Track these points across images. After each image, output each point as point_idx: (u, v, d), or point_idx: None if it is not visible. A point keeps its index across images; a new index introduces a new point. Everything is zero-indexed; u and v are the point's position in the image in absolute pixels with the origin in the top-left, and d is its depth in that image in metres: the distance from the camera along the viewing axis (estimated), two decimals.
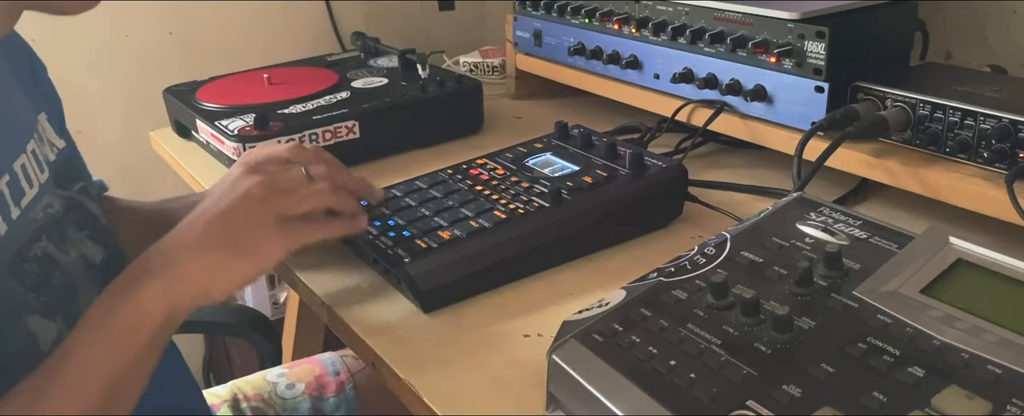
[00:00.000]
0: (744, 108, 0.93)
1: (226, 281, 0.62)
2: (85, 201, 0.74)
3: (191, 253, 0.61)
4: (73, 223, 0.71)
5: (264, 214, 0.63)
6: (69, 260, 0.68)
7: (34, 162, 0.67)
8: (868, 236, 0.61)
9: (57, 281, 0.66)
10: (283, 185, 0.66)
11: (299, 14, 1.58)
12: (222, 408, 0.98)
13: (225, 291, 0.62)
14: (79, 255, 0.70)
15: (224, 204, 0.63)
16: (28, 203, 0.64)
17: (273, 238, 0.63)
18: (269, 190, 0.65)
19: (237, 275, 0.62)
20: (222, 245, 0.61)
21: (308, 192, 0.67)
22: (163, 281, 0.59)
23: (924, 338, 0.50)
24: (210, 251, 0.61)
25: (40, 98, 0.75)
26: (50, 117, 0.74)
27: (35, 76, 0.77)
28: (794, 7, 0.86)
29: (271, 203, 0.64)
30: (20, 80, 0.72)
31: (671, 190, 0.83)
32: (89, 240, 0.71)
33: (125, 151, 1.49)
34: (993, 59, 0.98)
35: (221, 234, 0.62)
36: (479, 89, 1.12)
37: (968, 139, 0.77)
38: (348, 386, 1.03)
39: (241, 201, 0.63)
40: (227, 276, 0.62)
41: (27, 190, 0.65)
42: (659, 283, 0.59)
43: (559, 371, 0.54)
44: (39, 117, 0.72)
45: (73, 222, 0.71)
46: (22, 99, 0.70)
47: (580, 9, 1.09)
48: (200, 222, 0.63)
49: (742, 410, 0.47)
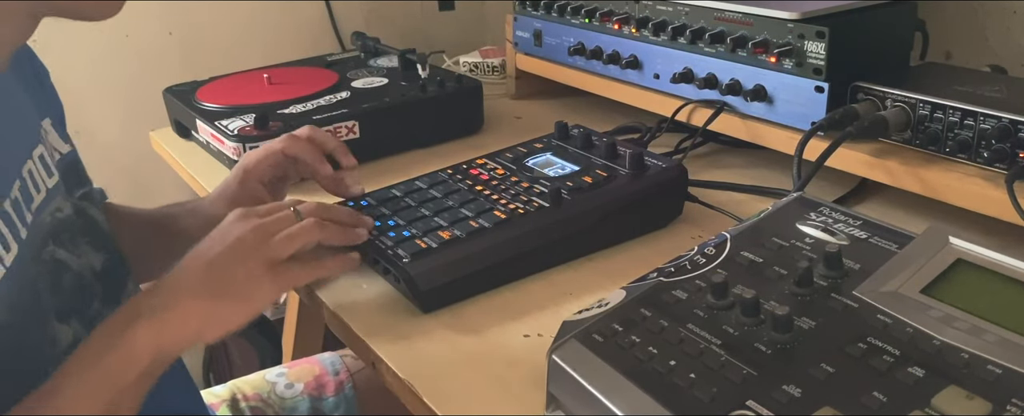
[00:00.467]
0: (744, 108, 0.93)
1: (218, 326, 0.63)
2: (87, 207, 0.75)
3: (184, 299, 0.62)
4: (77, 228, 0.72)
5: (255, 260, 0.65)
6: (81, 264, 0.69)
7: (41, 167, 0.67)
8: (868, 236, 0.61)
9: (68, 284, 0.67)
10: (272, 229, 0.67)
11: (299, 14, 1.58)
12: (221, 408, 0.98)
13: (217, 335, 0.64)
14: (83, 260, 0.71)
15: (217, 251, 0.65)
16: (37, 207, 0.65)
17: (264, 284, 0.65)
18: (259, 235, 0.66)
19: (229, 321, 0.64)
20: (215, 292, 0.63)
21: (296, 231, 0.68)
22: (155, 325, 0.61)
23: (924, 338, 0.50)
24: (203, 298, 0.63)
25: (44, 104, 0.76)
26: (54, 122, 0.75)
27: (39, 81, 0.78)
28: (794, 7, 0.86)
29: (262, 249, 0.65)
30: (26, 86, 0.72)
31: (671, 190, 0.83)
32: (89, 247, 0.72)
33: (125, 151, 1.49)
34: (993, 59, 0.98)
35: (214, 281, 0.63)
36: (479, 89, 1.12)
37: (968, 139, 0.77)
38: (347, 386, 1.03)
39: (233, 248, 0.65)
40: (219, 322, 0.63)
41: (35, 195, 0.65)
42: (659, 283, 0.59)
43: (559, 371, 0.54)
44: (43, 123, 0.72)
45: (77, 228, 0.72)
46: (28, 105, 0.71)
47: (580, 9, 1.09)
48: (194, 268, 0.64)
49: (742, 410, 0.47)
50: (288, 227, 0.68)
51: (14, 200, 0.61)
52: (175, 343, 0.62)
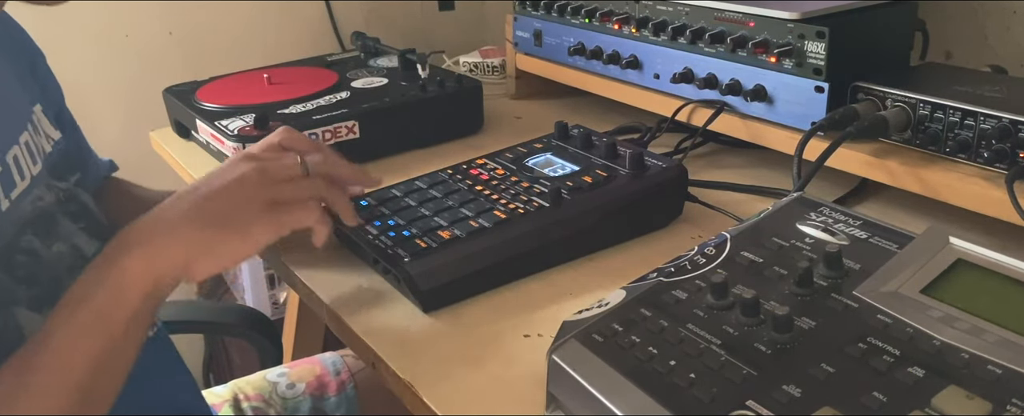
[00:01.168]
0: (744, 108, 0.93)
1: (210, 258, 0.61)
2: (80, 193, 0.74)
3: (174, 227, 0.60)
4: (69, 215, 0.71)
5: (256, 197, 0.63)
6: (52, 254, 0.68)
7: (27, 153, 0.66)
8: (868, 236, 0.61)
9: (43, 275, 0.66)
10: (279, 173, 0.65)
11: (299, 14, 1.58)
12: (223, 408, 0.98)
13: (208, 269, 0.61)
14: (70, 247, 0.70)
15: (217, 184, 0.63)
16: (18, 195, 0.64)
17: (264, 221, 0.63)
18: (264, 175, 0.64)
19: (222, 254, 0.62)
20: (209, 223, 0.61)
21: (304, 184, 0.66)
22: (143, 254, 0.59)
23: (924, 338, 0.50)
24: (195, 227, 0.61)
25: (37, 89, 0.75)
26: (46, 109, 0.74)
27: (32, 66, 0.77)
28: (794, 7, 0.86)
29: (265, 188, 0.64)
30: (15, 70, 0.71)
31: (671, 190, 0.83)
32: (83, 233, 0.71)
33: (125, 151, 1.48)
34: (993, 59, 0.98)
35: (209, 212, 0.61)
36: (479, 89, 1.12)
37: (968, 139, 0.77)
38: (349, 386, 1.03)
39: (235, 183, 0.63)
40: (211, 253, 0.61)
41: (18, 182, 0.64)
42: (659, 283, 0.59)
43: (559, 371, 0.54)
44: (34, 109, 0.71)
45: (69, 214, 0.71)
46: (17, 90, 0.70)
47: (580, 9, 1.09)
48: (188, 199, 0.62)
49: (742, 410, 0.47)
50: (294, 176, 0.66)
51: None
52: (166, 272, 0.60)
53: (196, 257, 0.60)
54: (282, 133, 0.73)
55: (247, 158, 0.67)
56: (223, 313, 1.16)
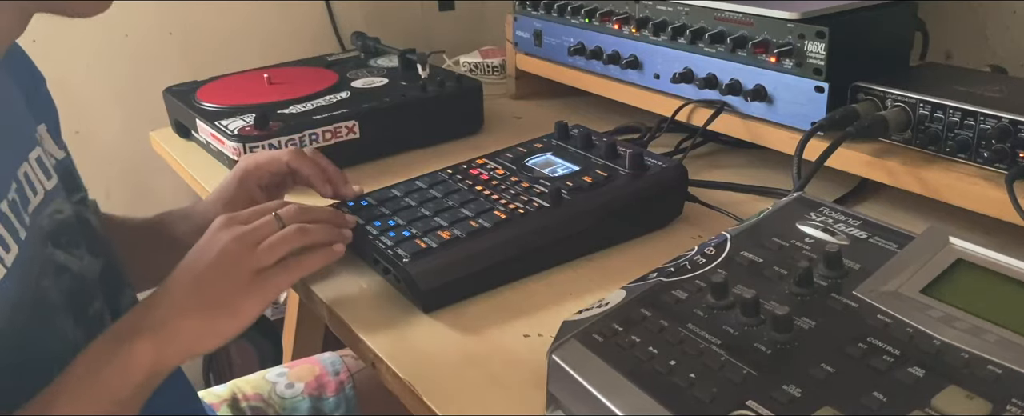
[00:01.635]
0: (744, 108, 0.93)
1: (211, 340, 0.64)
2: (84, 211, 0.75)
3: (178, 315, 0.63)
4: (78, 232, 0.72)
5: (239, 272, 0.65)
6: (81, 266, 0.69)
7: (39, 169, 0.68)
8: (868, 236, 0.61)
9: (66, 286, 0.67)
10: (254, 238, 0.67)
11: (299, 14, 1.58)
12: (222, 408, 0.98)
13: (209, 349, 0.65)
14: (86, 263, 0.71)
15: (204, 265, 0.66)
16: (34, 210, 0.65)
17: (251, 295, 0.65)
18: (242, 246, 0.66)
19: (220, 334, 0.65)
20: (205, 308, 0.64)
21: (276, 240, 0.68)
22: (154, 341, 0.62)
23: (924, 338, 0.50)
24: (195, 314, 0.63)
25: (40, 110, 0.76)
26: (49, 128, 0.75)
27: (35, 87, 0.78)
28: (794, 7, 0.86)
29: (245, 260, 0.66)
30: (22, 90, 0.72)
31: (671, 190, 0.83)
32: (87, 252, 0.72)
33: (125, 151, 1.49)
34: (993, 59, 0.98)
35: (203, 297, 0.64)
36: (479, 89, 1.12)
37: (968, 139, 0.77)
38: (348, 386, 1.03)
39: (217, 261, 0.66)
40: (211, 336, 0.64)
41: (32, 197, 0.65)
42: (659, 283, 0.59)
43: (559, 371, 0.54)
44: (39, 128, 0.72)
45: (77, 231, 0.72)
46: (24, 109, 0.71)
47: (580, 9, 1.09)
48: (185, 281, 0.65)
49: (742, 410, 0.47)
50: (270, 234, 0.68)
51: (12, 202, 0.61)
52: (172, 358, 0.63)
53: (199, 341, 0.64)
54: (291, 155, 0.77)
55: (225, 226, 0.69)
56: None
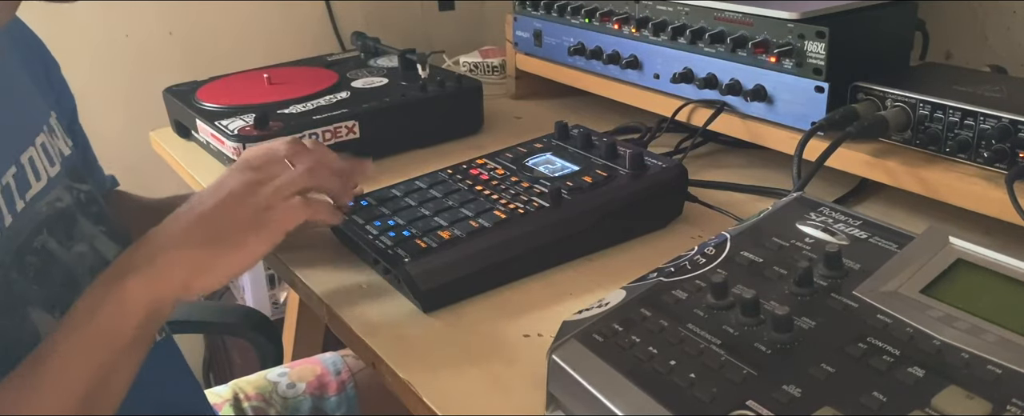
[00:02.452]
0: (744, 108, 0.93)
1: (209, 275, 0.62)
2: (99, 197, 0.75)
3: (173, 249, 0.62)
4: (90, 217, 0.71)
5: (245, 207, 0.64)
6: (71, 255, 0.69)
7: (43, 155, 0.67)
8: (868, 236, 0.61)
9: (57, 275, 0.66)
10: (263, 179, 0.66)
11: (299, 14, 1.58)
12: (224, 407, 0.98)
13: (206, 286, 0.63)
14: (89, 249, 0.71)
15: (209, 201, 0.64)
16: (34, 196, 0.65)
17: (256, 231, 0.64)
18: (250, 186, 0.65)
19: (220, 269, 0.63)
20: (204, 241, 0.62)
21: (285, 179, 0.67)
22: (145, 276, 0.60)
23: (924, 338, 0.50)
24: (192, 247, 0.62)
25: (52, 97, 0.75)
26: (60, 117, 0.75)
27: (48, 74, 0.78)
28: (794, 7, 0.86)
29: (251, 198, 0.65)
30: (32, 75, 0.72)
31: (671, 190, 0.83)
32: (104, 236, 0.72)
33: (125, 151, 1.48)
34: (993, 59, 0.98)
35: (203, 231, 0.63)
36: (479, 89, 1.12)
37: (968, 139, 0.77)
38: (349, 385, 1.03)
39: (223, 199, 0.64)
40: (210, 270, 0.62)
41: (33, 183, 0.65)
42: (659, 283, 0.59)
43: (559, 371, 0.54)
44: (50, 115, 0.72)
45: (90, 216, 0.72)
46: (34, 94, 0.71)
47: (580, 9, 1.09)
48: (184, 219, 0.64)
49: (742, 410, 0.47)
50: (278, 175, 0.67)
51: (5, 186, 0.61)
52: (167, 293, 0.61)
53: (196, 275, 0.62)
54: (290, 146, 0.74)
55: (238, 169, 0.68)
56: (223, 313, 1.16)
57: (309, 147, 0.76)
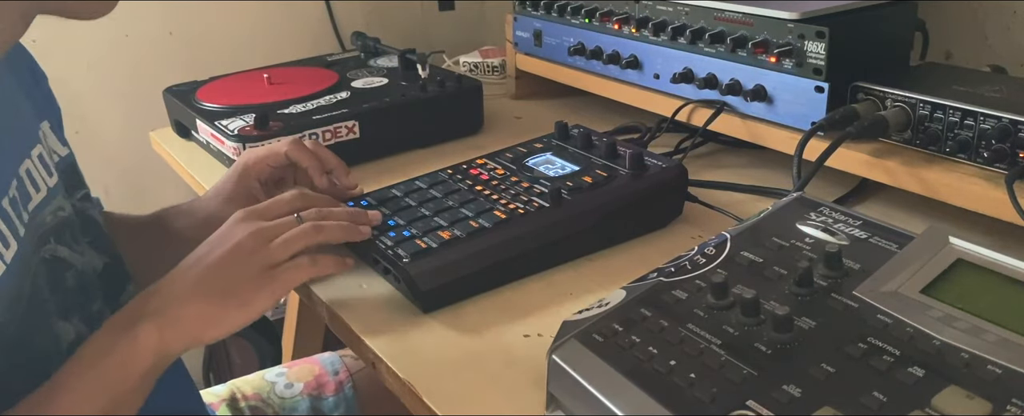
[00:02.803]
0: (744, 108, 0.93)
1: (217, 329, 0.64)
2: (89, 208, 0.75)
3: (186, 301, 0.63)
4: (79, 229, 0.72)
5: (253, 266, 0.65)
6: (83, 261, 0.69)
7: (41, 166, 0.68)
8: (868, 236, 0.61)
9: (70, 282, 0.67)
10: (271, 234, 0.67)
11: (299, 14, 1.58)
12: (220, 407, 0.98)
13: (215, 338, 0.65)
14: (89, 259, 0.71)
15: (216, 255, 0.65)
16: (35, 207, 0.65)
17: (262, 289, 0.65)
18: (258, 240, 0.66)
19: (227, 324, 0.64)
20: (214, 296, 0.64)
21: (292, 235, 0.68)
22: (158, 326, 0.61)
23: (924, 338, 0.50)
24: (203, 301, 0.63)
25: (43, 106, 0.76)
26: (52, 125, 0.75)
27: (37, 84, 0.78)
28: (794, 7, 0.86)
29: (259, 254, 0.66)
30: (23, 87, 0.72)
31: (671, 190, 0.83)
32: (90, 247, 0.72)
33: (125, 151, 1.49)
34: (993, 59, 0.98)
35: (213, 285, 0.64)
36: (479, 89, 1.12)
37: (968, 139, 0.77)
38: (347, 386, 1.03)
39: (231, 253, 0.66)
40: (218, 325, 0.64)
41: (33, 194, 0.65)
42: (659, 283, 0.59)
43: (559, 371, 0.54)
44: (42, 125, 0.72)
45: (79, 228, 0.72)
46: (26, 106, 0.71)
47: (580, 9, 1.09)
48: (194, 271, 0.65)
49: (742, 410, 0.47)
50: (286, 230, 0.68)
51: (12, 199, 0.61)
52: (176, 344, 0.62)
53: (205, 329, 0.64)
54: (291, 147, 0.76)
55: (244, 219, 0.69)
56: None
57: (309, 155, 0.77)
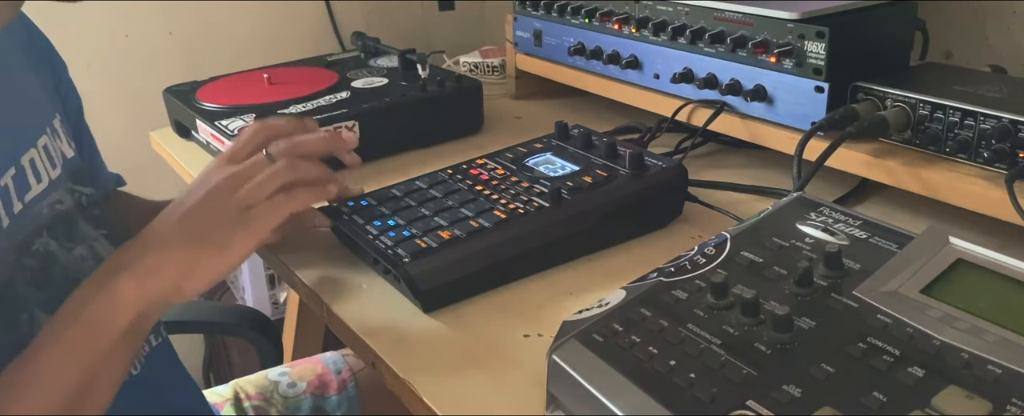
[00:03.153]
0: (744, 108, 0.93)
1: (197, 277, 0.61)
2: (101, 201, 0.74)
3: (162, 249, 0.61)
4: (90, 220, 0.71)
5: (228, 206, 0.63)
6: (72, 257, 0.68)
7: (45, 157, 0.67)
8: (868, 236, 0.61)
9: (58, 277, 0.66)
10: (245, 175, 0.65)
11: (299, 14, 1.58)
12: (225, 407, 0.98)
13: (197, 287, 0.62)
14: (89, 252, 0.70)
15: (192, 201, 0.64)
16: (33, 198, 0.64)
17: (239, 231, 0.63)
18: (231, 183, 0.64)
19: (208, 270, 0.62)
20: (192, 241, 0.61)
21: (266, 176, 0.65)
22: (135, 276, 0.59)
23: (924, 338, 0.50)
24: (181, 247, 0.61)
25: (58, 100, 0.75)
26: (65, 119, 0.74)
27: (55, 76, 0.77)
28: (794, 7, 0.86)
29: (235, 195, 0.64)
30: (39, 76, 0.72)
31: (671, 190, 0.83)
32: (105, 239, 0.72)
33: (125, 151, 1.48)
34: (993, 59, 0.98)
35: (190, 230, 0.62)
36: (479, 89, 1.12)
37: (968, 139, 0.77)
38: (350, 385, 1.03)
39: (206, 198, 0.64)
40: (198, 271, 0.61)
41: (33, 184, 0.65)
42: (659, 283, 0.59)
43: (559, 371, 0.54)
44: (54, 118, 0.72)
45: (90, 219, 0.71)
46: (39, 95, 0.70)
47: (580, 9, 1.09)
48: (171, 219, 0.63)
49: (742, 410, 0.47)
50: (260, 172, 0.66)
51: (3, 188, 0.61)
52: (157, 295, 0.60)
53: (185, 276, 0.61)
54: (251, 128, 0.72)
55: (218, 167, 0.67)
56: (223, 313, 1.16)
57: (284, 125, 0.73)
